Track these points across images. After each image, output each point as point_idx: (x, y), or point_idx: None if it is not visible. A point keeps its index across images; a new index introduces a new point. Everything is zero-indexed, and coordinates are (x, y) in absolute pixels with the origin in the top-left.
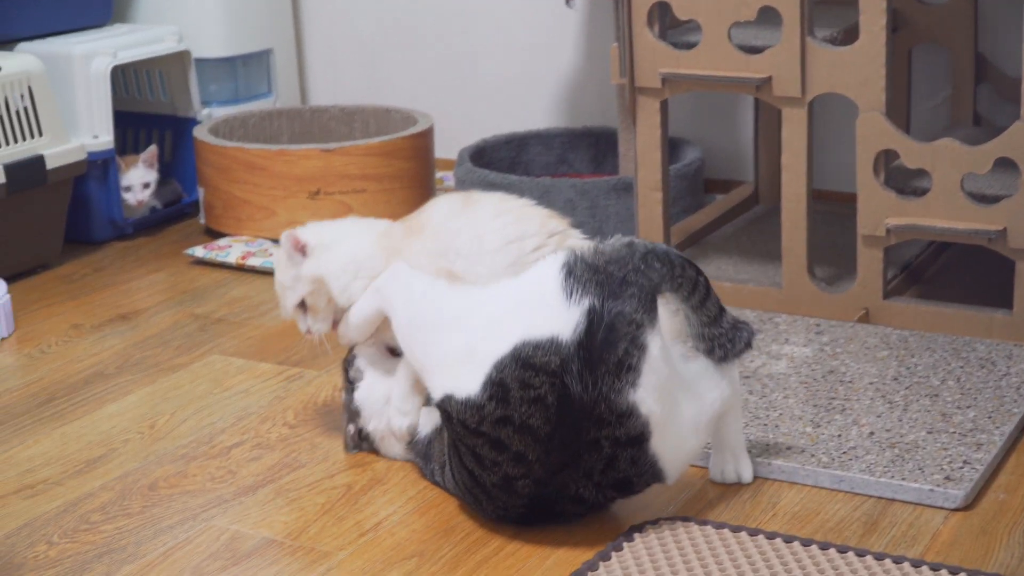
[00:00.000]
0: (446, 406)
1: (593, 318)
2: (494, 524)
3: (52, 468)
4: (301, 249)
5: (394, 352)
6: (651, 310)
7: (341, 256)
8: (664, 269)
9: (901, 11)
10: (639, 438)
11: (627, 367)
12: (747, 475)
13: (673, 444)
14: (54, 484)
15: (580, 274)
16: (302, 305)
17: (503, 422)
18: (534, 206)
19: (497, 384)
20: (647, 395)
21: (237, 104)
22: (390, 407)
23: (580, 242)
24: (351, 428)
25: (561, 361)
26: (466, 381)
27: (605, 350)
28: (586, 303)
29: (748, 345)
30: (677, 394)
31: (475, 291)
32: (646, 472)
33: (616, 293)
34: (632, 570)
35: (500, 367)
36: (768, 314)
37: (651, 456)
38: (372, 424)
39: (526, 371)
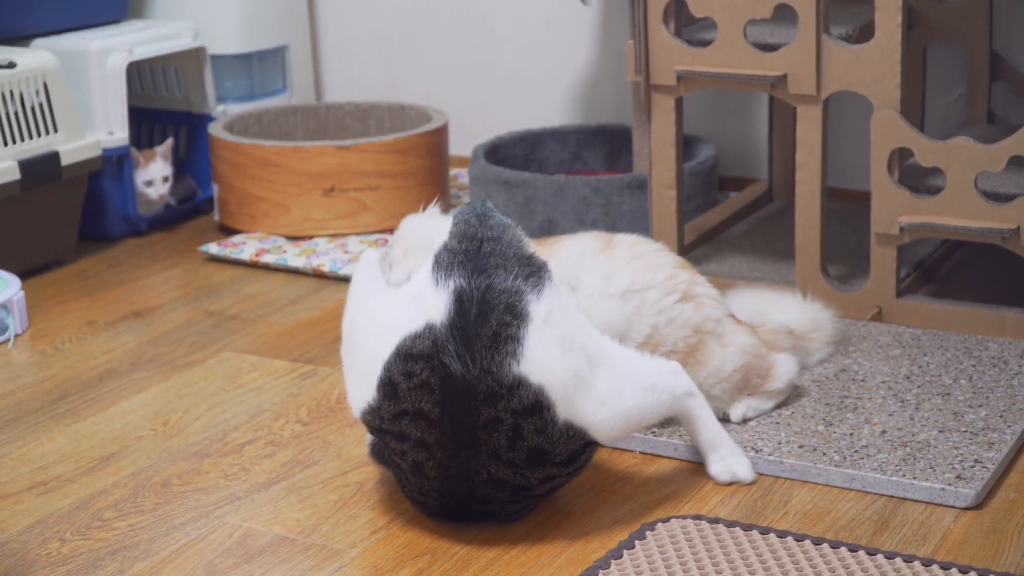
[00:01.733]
0: (362, 418)
1: (462, 296)
2: (505, 523)
3: (65, 465)
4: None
5: None
6: (531, 274)
7: None
8: (504, 222)
9: (916, 9)
10: (536, 407)
11: (505, 338)
12: (742, 471)
13: (595, 403)
14: (67, 481)
15: (443, 260)
16: None
17: (400, 416)
18: (668, 253)
19: (387, 383)
20: (535, 363)
21: (252, 101)
22: None
23: (707, 291)
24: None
25: (434, 343)
26: (367, 390)
27: (479, 325)
28: (452, 284)
29: None
30: (593, 352)
31: (383, 297)
32: (560, 438)
33: (481, 267)
34: (644, 568)
35: (387, 367)
36: None
37: (562, 422)
38: None
39: (407, 362)
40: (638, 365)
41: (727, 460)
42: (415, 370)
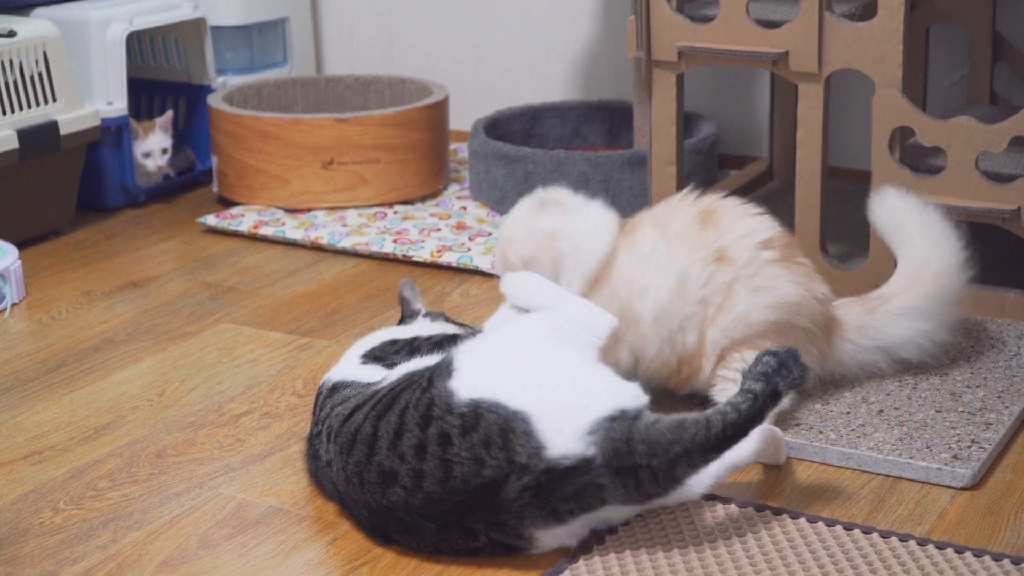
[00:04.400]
0: None
1: None
2: None
3: (60, 434)
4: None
5: None
6: None
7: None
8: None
9: None
10: None
11: None
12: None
13: None
14: (62, 450)
15: None
16: None
17: None
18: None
19: None
20: None
21: (252, 73)
22: None
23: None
24: None
25: None
26: None
27: None
28: None
29: None
30: None
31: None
32: None
33: None
34: (640, 541)
35: None
36: None
37: None
38: None
39: None
40: None
41: None
42: None
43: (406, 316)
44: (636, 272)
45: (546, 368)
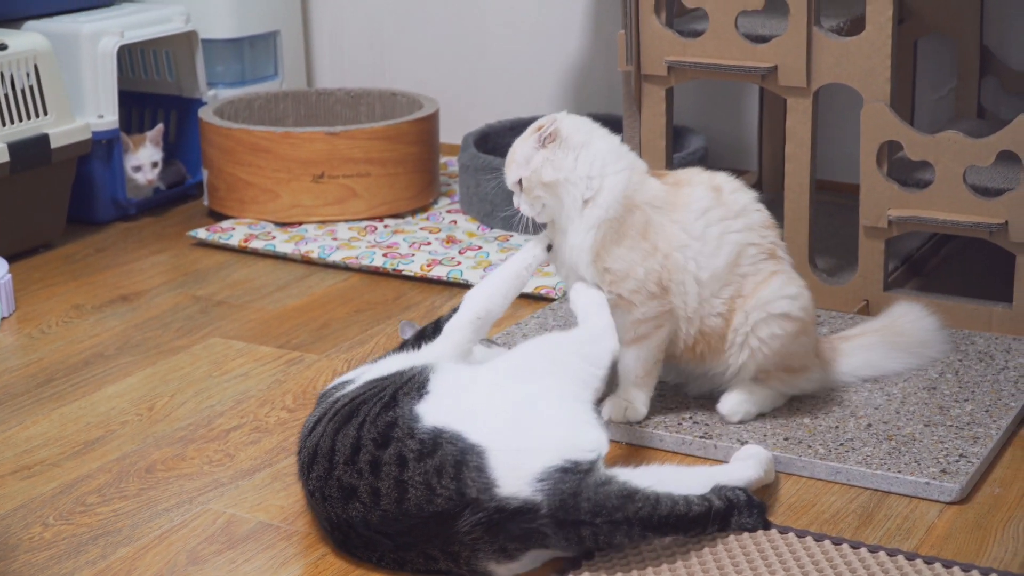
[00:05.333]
0: None
1: None
2: None
3: (50, 449)
4: (552, 137)
5: None
6: None
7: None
8: None
9: (907, 2)
10: None
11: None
12: None
13: None
14: (51, 465)
15: None
16: (520, 182)
17: None
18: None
19: None
20: None
21: (243, 86)
22: None
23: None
24: None
25: None
26: None
27: None
28: None
29: None
30: None
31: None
32: None
33: None
34: (630, 560)
35: None
36: None
37: None
38: None
39: None
40: None
41: None
42: None
43: None
44: (690, 229)
45: (516, 406)
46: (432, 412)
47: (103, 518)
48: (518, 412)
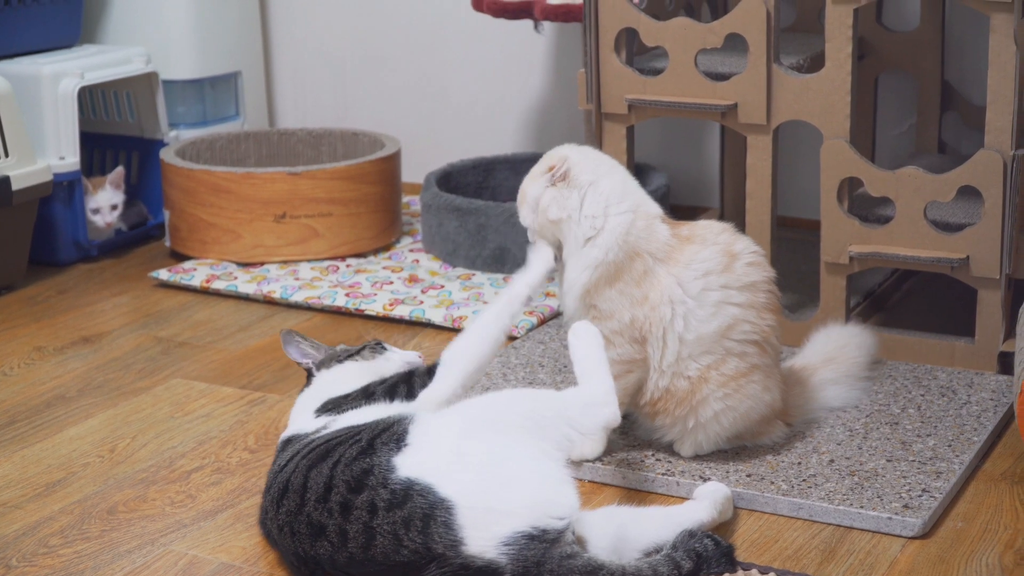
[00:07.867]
0: None
1: None
2: None
3: (11, 491)
4: (563, 176)
5: None
6: None
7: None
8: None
9: (868, 39)
10: None
11: None
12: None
13: None
14: (13, 507)
15: None
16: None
17: None
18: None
19: None
20: None
21: (205, 126)
22: None
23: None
24: None
25: None
26: None
27: None
28: None
29: None
30: None
31: None
32: None
33: None
34: None
35: None
36: None
37: None
38: None
39: None
40: None
41: None
42: None
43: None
44: (687, 287)
45: (490, 461)
46: (408, 465)
47: (66, 559)
48: (492, 467)
